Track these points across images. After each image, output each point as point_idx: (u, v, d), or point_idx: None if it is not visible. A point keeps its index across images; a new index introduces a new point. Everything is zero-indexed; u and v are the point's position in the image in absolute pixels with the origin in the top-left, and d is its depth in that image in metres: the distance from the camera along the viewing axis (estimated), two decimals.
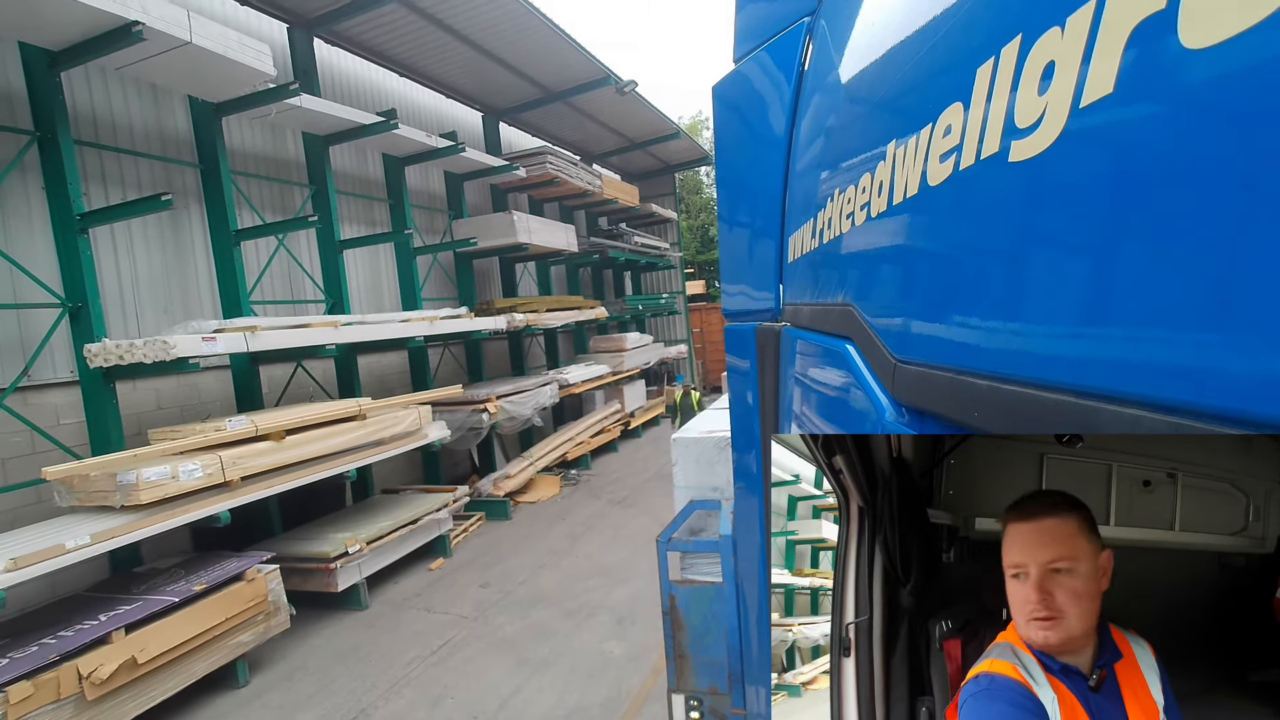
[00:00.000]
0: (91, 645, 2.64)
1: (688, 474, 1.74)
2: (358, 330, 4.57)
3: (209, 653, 3.11)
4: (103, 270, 4.01)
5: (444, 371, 7.08)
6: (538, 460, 6.81)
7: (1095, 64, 0.25)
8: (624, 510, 5.99)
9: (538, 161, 7.49)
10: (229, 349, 3.58)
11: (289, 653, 3.65)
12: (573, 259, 9.19)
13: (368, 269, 6.28)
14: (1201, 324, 0.21)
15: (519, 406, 6.24)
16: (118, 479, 2.96)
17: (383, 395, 5.69)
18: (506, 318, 6.42)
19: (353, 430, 4.20)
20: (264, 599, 3.39)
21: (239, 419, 3.63)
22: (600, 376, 8.52)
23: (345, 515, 4.71)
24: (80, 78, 3.94)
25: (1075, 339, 0.27)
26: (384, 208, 6.41)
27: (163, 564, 3.51)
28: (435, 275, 7.12)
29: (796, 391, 0.78)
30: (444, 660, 3.45)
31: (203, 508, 3.24)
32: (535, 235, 7.01)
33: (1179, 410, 0.22)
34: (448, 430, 5.24)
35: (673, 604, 1.64)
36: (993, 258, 0.34)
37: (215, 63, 3.57)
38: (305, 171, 5.38)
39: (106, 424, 3.52)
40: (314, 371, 5.29)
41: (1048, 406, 0.29)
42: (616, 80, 7.82)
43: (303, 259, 5.39)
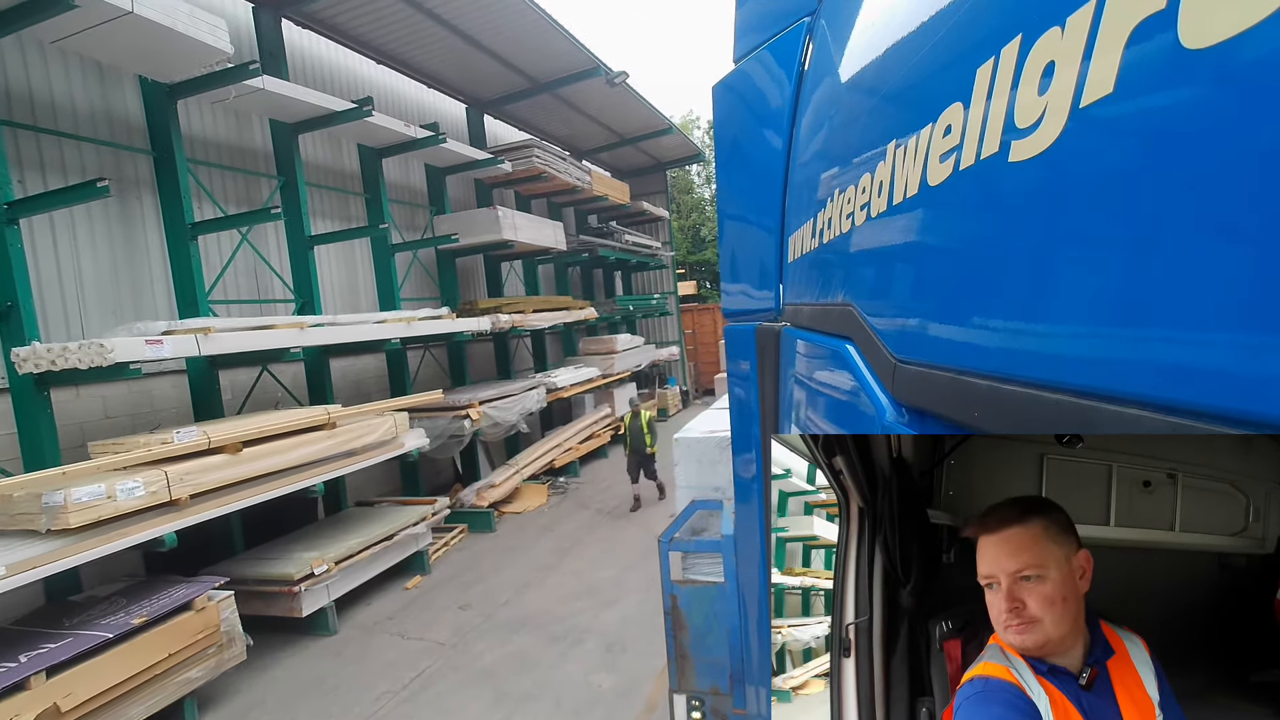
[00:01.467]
0: (4, 693, 2.42)
1: (689, 474, 1.78)
2: (327, 332, 4.46)
3: (151, 692, 2.95)
4: (41, 267, 3.86)
5: (425, 375, 6.97)
6: (524, 468, 6.75)
7: (1095, 64, 0.26)
8: (614, 522, 5.96)
9: (524, 155, 7.47)
10: (178, 353, 3.46)
11: (245, 687, 3.51)
12: (561, 257, 9.17)
13: (343, 267, 6.18)
14: (1202, 324, 0.22)
15: (503, 412, 6.17)
16: (43, 500, 2.79)
17: (358, 401, 5.58)
18: (491, 319, 6.36)
19: (320, 440, 4.07)
20: (216, 629, 3.25)
21: (189, 430, 3.50)
22: (590, 380, 8.50)
23: (315, 531, 4.56)
24: (12, 51, 3.79)
25: (1075, 339, 0.28)
26: (360, 202, 6.30)
27: (103, 591, 3.35)
28: (416, 274, 7.03)
29: (796, 391, 0.80)
30: (416, 695, 3.35)
31: (145, 530, 3.08)
32: (521, 232, 6.97)
33: (1179, 410, 0.23)
34: (426, 439, 5.14)
35: (674, 604, 1.67)
36: (993, 258, 0.35)
37: (164, 37, 3.46)
38: (273, 162, 5.26)
39: (40, 436, 3.37)
40: (283, 376, 5.15)
41: (1048, 406, 0.30)
42: (606, 71, 7.86)
43: (270, 256, 5.26)
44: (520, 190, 8.64)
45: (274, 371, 5.04)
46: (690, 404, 13.01)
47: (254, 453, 3.68)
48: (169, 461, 3.28)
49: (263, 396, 5.02)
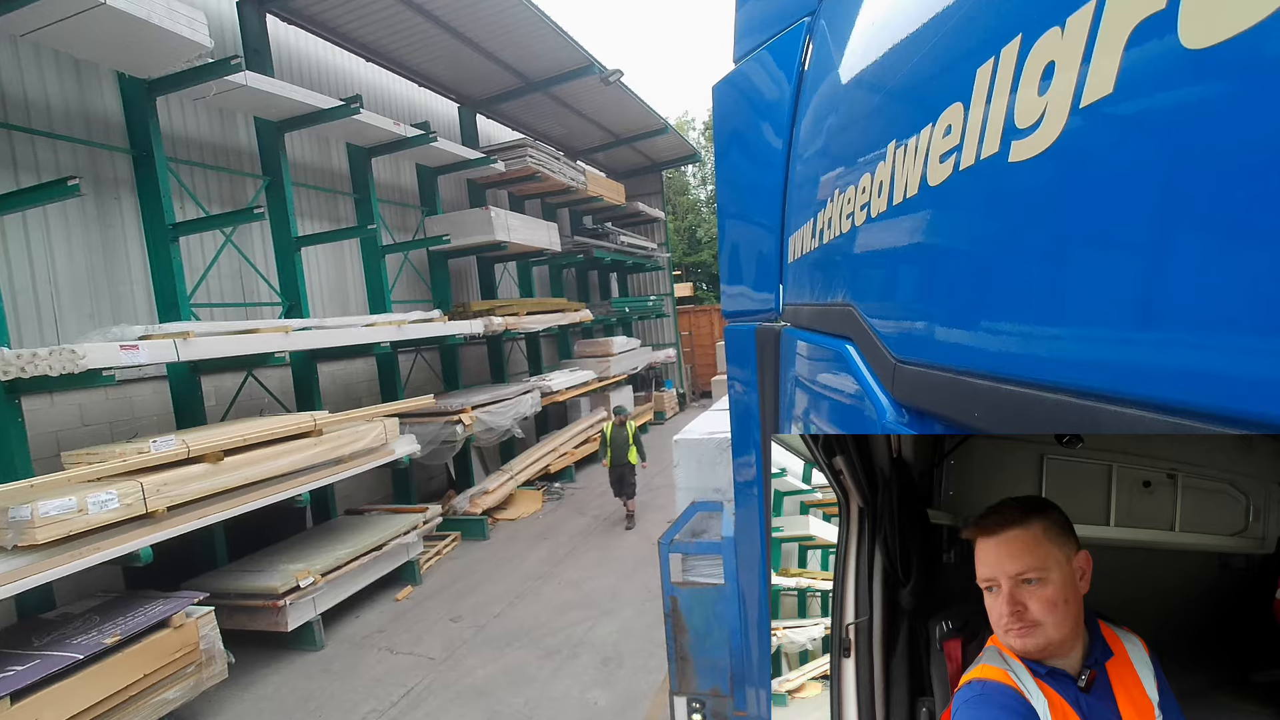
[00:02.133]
0: None
1: (689, 475, 1.80)
2: (313, 336, 4.41)
3: (126, 714, 2.89)
4: (13, 269, 3.81)
5: (417, 380, 6.94)
6: (518, 474, 6.72)
7: (1095, 64, 0.26)
8: (610, 529, 5.93)
9: (517, 155, 7.48)
10: (156, 359, 3.41)
11: (226, 708, 3.45)
12: (556, 259, 9.19)
13: (332, 269, 6.15)
14: (1202, 324, 0.22)
15: (497, 417, 6.15)
16: (9, 514, 2.73)
17: (348, 406, 5.56)
18: (484, 321, 6.33)
19: (306, 448, 4.01)
20: (194, 647, 3.18)
21: (167, 439, 3.44)
22: (586, 383, 8.51)
23: (302, 541, 4.49)
24: None
25: (1076, 339, 0.29)
26: (349, 202, 6.29)
27: (77, 608, 3.28)
28: (407, 277, 7.01)
29: (796, 392, 0.81)
30: (405, 714, 3.31)
31: (119, 544, 3.02)
32: (515, 233, 6.96)
33: (1179, 410, 0.23)
34: (417, 445, 5.11)
35: (675, 606, 1.69)
36: (993, 258, 0.36)
37: (139, 30, 3.42)
38: (259, 161, 5.24)
39: (10, 446, 3.31)
40: (269, 381, 5.10)
41: (1048, 406, 0.30)
42: (601, 69, 7.90)
43: (256, 258, 5.23)
44: (514, 191, 8.66)
45: (259, 377, 4.98)
46: (687, 407, 13.03)
47: (236, 462, 3.62)
48: (146, 472, 3.23)
49: (249, 402, 4.97)
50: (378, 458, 4.63)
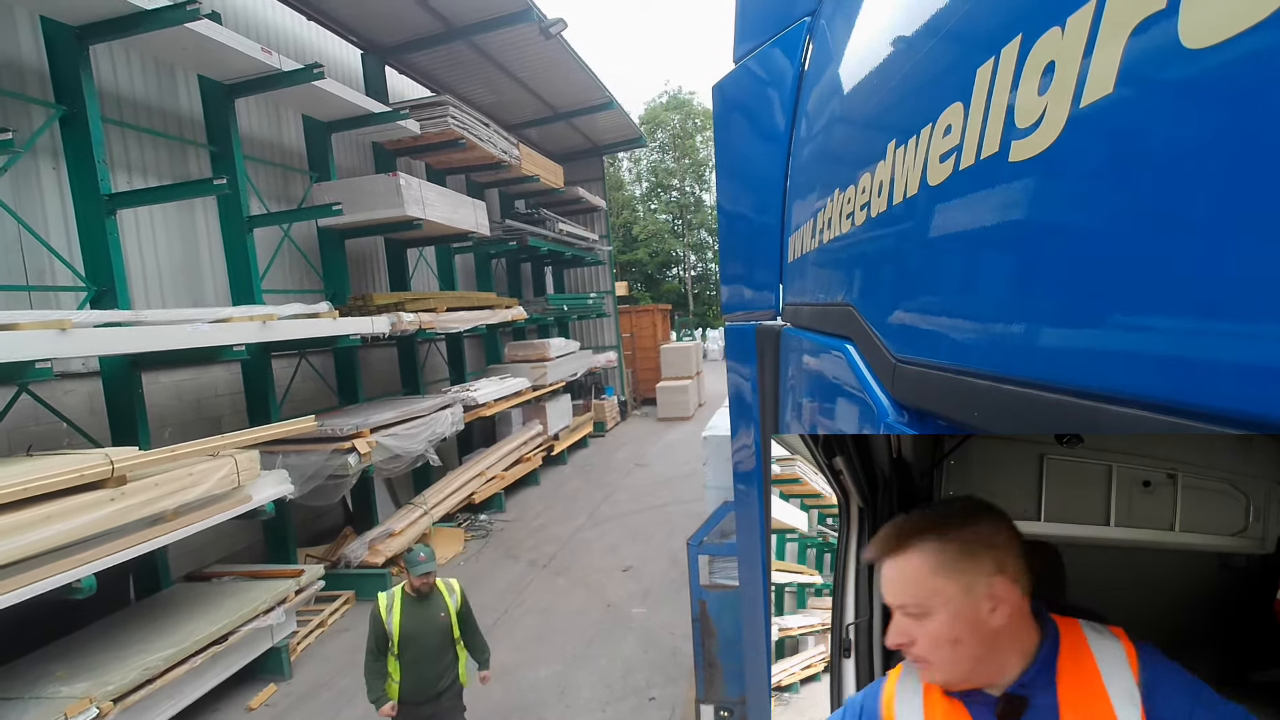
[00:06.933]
0: None
1: (719, 473, 1.88)
2: (116, 336, 3.37)
3: None
4: None
5: (304, 392, 6.45)
6: (434, 508, 6.42)
7: (1095, 64, 0.30)
8: (552, 579, 5.63)
9: (437, 115, 7.13)
10: None
11: None
12: (483, 245, 9.01)
13: (175, 244, 5.52)
14: (1202, 324, 0.25)
15: (405, 440, 5.77)
16: None
17: (202, 429, 5.04)
18: (390, 318, 5.95)
19: (98, 506, 3.01)
20: None
21: None
22: (518, 393, 8.37)
23: (102, 635, 3.65)
24: None
25: (1076, 339, 0.33)
26: (203, 156, 5.71)
27: None
28: (290, 260, 6.54)
29: (796, 391, 0.90)
30: None
31: None
32: (432, 209, 6.62)
33: (1179, 410, 0.26)
34: (289, 485, 4.46)
35: (703, 610, 1.78)
36: (993, 258, 0.41)
37: None
38: (49, 83, 4.21)
39: None
40: (69, 400, 4.41)
41: (1048, 406, 0.35)
42: (540, 16, 7.80)
43: (51, 226, 4.43)
44: (431, 162, 8.39)
45: (39, 394, 3.99)
46: (629, 416, 13.11)
47: None
48: None
49: (21, 431, 4.09)
50: (225, 508, 3.80)
